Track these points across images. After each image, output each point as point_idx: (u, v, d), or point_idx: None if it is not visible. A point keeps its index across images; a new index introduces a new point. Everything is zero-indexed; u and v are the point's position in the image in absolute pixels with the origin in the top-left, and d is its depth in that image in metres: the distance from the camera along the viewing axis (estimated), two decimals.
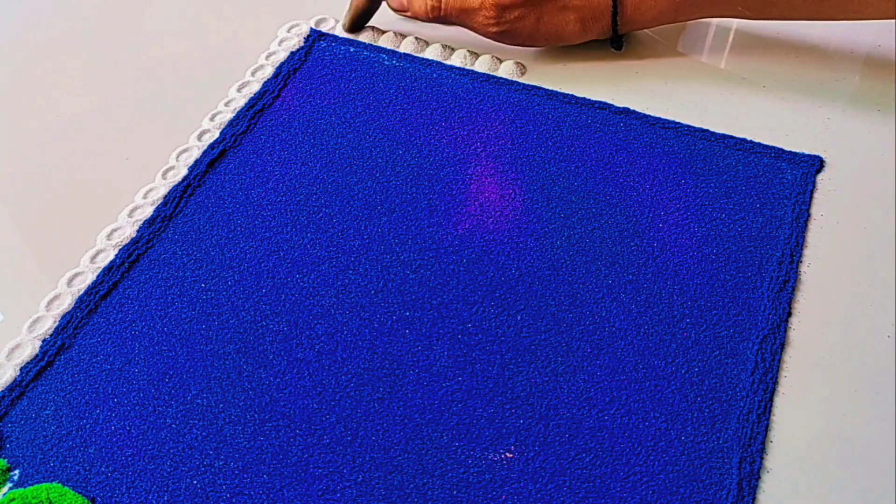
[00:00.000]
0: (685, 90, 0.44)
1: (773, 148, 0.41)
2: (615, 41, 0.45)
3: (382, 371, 0.34)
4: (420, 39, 0.48)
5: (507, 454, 0.32)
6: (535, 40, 0.44)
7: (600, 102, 0.43)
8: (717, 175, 0.40)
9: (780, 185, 0.39)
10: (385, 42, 0.48)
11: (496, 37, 0.44)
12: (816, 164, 0.40)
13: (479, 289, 0.36)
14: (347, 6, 0.47)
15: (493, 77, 0.45)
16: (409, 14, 0.46)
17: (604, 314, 0.35)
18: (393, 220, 0.39)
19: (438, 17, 0.44)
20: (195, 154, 0.43)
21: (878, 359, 0.34)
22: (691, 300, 0.36)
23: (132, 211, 0.40)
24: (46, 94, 0.47)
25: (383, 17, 0.49)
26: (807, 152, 0.41)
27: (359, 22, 0.48)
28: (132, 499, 0.31)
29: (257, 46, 0.48)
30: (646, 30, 0.46)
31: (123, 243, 0.39)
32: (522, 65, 0.46)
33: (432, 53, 0.47)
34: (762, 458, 0.31)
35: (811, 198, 0.39)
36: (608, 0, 0.42)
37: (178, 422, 0.33)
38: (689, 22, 0.47)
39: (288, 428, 0.33)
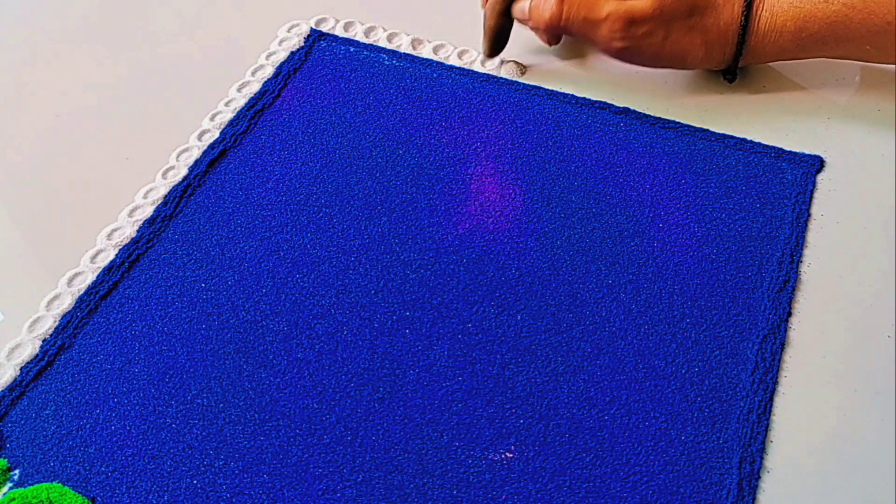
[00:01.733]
0: (685, 90, 0.44)
1: (773, 148, 0.41)
2: (730, 72, 0.43)
3: (382, 371, 0.34)
4: (419, 39, 0.48)
5: (508, 454, 0.32)
6: (658, 60, 0.42)
7: (600, 102, 0.43)
8: (717, 175, 0.40)
9: (781, 185, 0.39)
10: (384, 41, 0.48)
11: (618, 53, 0.42)
12: (816, 164, 0.40)
13: (479, 289, 0.36)
14: (482, 34, 0.45)
15: (493, 77, 0.45)
16: (530, 24, 0.43)
17: (604, 314, 0.35)
18: (393, 220, 0.39)
19: (559, 26, 0.41)
20: (195, 154, 0.43)
21: (878, 359, 0.34)
22: (691, 300, 0.36)
23: (132, 211, 0.40)
24: (47, 94, 0.47)
25: (385, 16, 0.49)
26: (807, 152, 0.41)
27: (497, 45, 0.45)
28: (132, 499, 0.31)
29: (257, 46, 0.48)
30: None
31: (123, 243, 0.39)
32: (522, 65, 0.46)
33: (431, 53, 0.47)
34: (762, 458, 0.31)
35: (811, 198, 0.39)
36: (736, 27, 0.40)
37: (178, 422, 0.33)
38: None
39: (288, 428, 0.33)
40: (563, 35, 0.44)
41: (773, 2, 0.39)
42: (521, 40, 0.47)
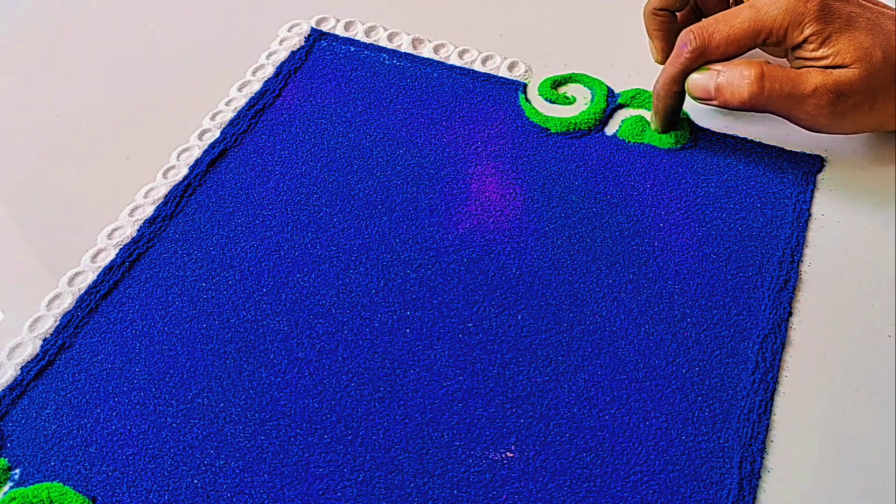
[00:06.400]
0: None
1: (774, 147, 0.41)
2: None
3: (382, 371, 0.34)
4: (419, 39, 0.48)
5: (508, 454, 0.32)
6: (858, 129, 0.39)
7: None
8: (718, 175, 0.40)
9: (781, 185, 0.39)
10: (385, 41, 0.48)
11: (821, 126, 0.38)
12: (817, 163, 0.40)
13: (479, 289, 0.36)
14: (652, 112, 0.42)
15: (494, 77, 0.45)
16: (714, 103, 0.39)
17: (604, 314, 0.35)
18: (393, 220, 0.39)
19: (758, 104, 0.38)
20: (196, 153, 0.43)
21: (878, 359, 0.34)
22: (692, 300, 0.36)
23: (133, 210, 0.40)
24: (47, 94, 0.47)
25: (385, 15, 0.49)
26: (807, 152, 0.41)
27: (672, 123, 0.42)
28: (132, 498, 0.31)
29: (258, 46, 0.48)
30: None
31: (124, 242, 0.39)
32: (524, 65, 0.46)
33: (431, 53, 0.47)
34: (763, 458, 0.31)
35: (812, 197, 0.39)
36: None
37: (178, 422, 0.33)
38: None
39: (288, 428, 0.33)
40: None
41: None
42: (523, 42, 0.47)
